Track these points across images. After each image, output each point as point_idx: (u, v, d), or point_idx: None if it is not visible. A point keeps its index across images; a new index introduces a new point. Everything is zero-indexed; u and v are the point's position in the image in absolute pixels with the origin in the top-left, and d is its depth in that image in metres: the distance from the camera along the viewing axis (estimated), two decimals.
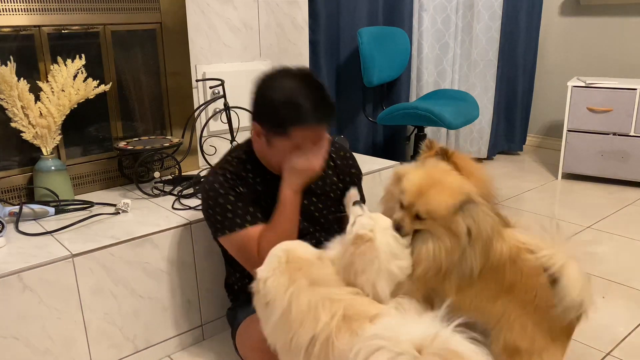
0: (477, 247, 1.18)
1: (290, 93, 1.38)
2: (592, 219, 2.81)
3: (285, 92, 1.39)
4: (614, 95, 3.19)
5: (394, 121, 2.93)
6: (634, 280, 2.18)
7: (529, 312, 1.26)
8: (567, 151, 3.40)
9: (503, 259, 1.23)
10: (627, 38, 3.69)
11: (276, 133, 1.42)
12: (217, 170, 1.53)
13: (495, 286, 1.25)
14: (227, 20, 2.36)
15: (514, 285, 1.26)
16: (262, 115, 1.44)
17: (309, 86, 1.41)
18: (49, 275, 1.46)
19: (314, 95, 1.40)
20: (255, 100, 1.45)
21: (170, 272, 1.72)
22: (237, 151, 1.58)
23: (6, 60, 1.71)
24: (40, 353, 1.49)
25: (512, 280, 1.25)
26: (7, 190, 1.85)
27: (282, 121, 1.39)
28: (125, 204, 1.81)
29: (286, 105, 1.38)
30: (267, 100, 1.41)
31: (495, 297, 1.26)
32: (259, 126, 1.44)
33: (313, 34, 2.83)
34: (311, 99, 1.39)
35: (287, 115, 1.38)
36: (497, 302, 1.26)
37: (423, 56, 3.36)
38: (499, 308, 1.27)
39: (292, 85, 1.40)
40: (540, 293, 1.26)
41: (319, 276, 1.21)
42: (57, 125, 1.81)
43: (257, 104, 1.45)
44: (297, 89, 1.39)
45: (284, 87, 1.40)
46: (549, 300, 1.26)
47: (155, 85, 2.16)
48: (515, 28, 3.76)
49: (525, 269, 1.26)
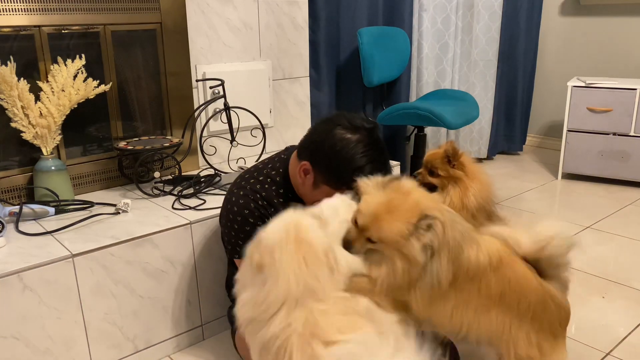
0: (442, 257, 1.12)
1: (357, 154, 1.37)
2: (592, 219, 2.81)
3: (351, 151, 1.37)
4: (614, 95, 3.19)
5: (394, 121, 2.93)
6: (634, 280, 2.18)
7: (528, 321, 1.24)
8: (567, 151, 3.40)
9: (482, 267, 1.18)
10: (627, 38, 3.69)
11: (329, 184, 1.41)
12: (248, 189, 1.49)
13: (480, 297, 1.20)
14: (227, 20, 2.36)
15: (504, 295, 1.21)
16: (321, 164, 1.41)
17: (375, 149, 1.41)
18: (49, 275, 1.47)
19: (379, 161, 1.40)
20: (317, 146, 1.42)
21: (170, 272, 1.72)
22: (271, 170, 1.54)
23: (6, 60, 1.71)
24: (41, 353, 1.49)
25: (500, 289, 1.20)
26: (7, 190, 1.85)
27: (342, 179, 1.38)
28: (125, 204, 1.82)
29: (351, 168, 1.36)
30: (331, 153, 1.39)
31: (487, 309, 1.21)
32: (310, 167, 1.42)
33: (313, 34, 2.83)
34: (376, 165, 1.39)
35: (348, 176, 1.35)
36: (490, 315, 1.21)
37: (423, 56, 3.36)
38: (495, 321, 1.22)
39: (360, 145, 1.38)
40: (533, 299, 1.23)
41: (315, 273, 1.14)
42: (57, 125, 1.82)
43: (319, 151, 1.41)
44: (364, 152, 1.38)
45: (351, 145, 1.37)
46: (545, 303, 1.25)
47: (155, 85, 2.16)
48: (515, 28, 3.77)
49: (511, 276, 1.22)
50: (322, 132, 1.42)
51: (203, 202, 1.89)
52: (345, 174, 1.37)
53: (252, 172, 1.56)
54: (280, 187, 1.51)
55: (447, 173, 1.66)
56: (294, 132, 2.75)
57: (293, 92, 2.70)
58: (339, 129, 1.40)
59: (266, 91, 2.55)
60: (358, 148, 1.38)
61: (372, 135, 1.42)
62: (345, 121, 1.41)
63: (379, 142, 1.44)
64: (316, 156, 1.41)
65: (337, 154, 1.38)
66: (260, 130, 2.44)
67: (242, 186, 1.52)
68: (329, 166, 1.40)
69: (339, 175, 1.39)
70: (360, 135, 1.39)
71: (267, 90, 2.56)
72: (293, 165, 1.50)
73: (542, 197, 3.17)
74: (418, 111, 2.79)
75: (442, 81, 3.46)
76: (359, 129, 1.40)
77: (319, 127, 1.45)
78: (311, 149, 1.43)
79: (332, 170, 1.40)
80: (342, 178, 1.38)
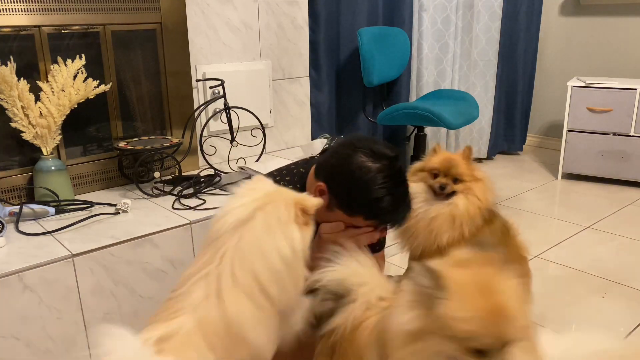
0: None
1: (375, 184, 1.29)
2: (592, 219, 2.81)
3: (370, 181, 1.30)
4: (614, 95, 3.19)
5: (394, 121, 2.93)
6: (634, 280, 2.18)
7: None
8: (567, 151, 3.40)
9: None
10: (627, 38, 3.69)
11: (342, 209, 1.35)
12: None
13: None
14: (227, 20, 2.36)
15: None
16: (337, 189, 1.34)
17: (395, 180, 1.33)
18: (49, 275, 1.46)
19: (397, 194, 1.34)
20: (335, 169, 1.35)
21: (170, 272, 1.72)
22: (288, 184, 1.49)
23: (6, 60, 1.71)
24: (41, 353, 1.49)
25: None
26: (7, 190, 1.85)
27: (357, 208, 1.32)
28: (125, 204, 1.82)
29: (368, 198, 1.30)
30: (348, 180, 1.32)
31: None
32: (326, 189, 1.35)
33: (313, 34, 2.83)
34: (394, 198, 1.32)
35: (364, 207, 1.32)
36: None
37: (423, 56, 3.36)
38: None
39: (380, 176, 1.30)
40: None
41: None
42: (57, 125, 1.81)
43: (337, 176, 1.34)
44: (384, 184, 1.30)
45: (370, 175, 1.30)
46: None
47: (155, 85, 2.16)
48: (515, 28, 3.77)
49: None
50: (342, 156, 1.35)
51: (203, 202, 1.89)
52: (361, 204, 1.32)
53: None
54: None
55: (471, 178, 1.67)
56: (294, 132, 2.75)
57: (293, 92, 2.70)
58: (360, 155, 1.33)
59: (266, 91, 2.55)
60: (377, 178, 1.30)
61: (393, 166, 1.34)
62: (367, 147, 1.34)
63: (400, 173, 1.36)
64: (333, 180, 1.35)
65: (355, 182, 1.31)
66: (260, 130, 2.44)
67: None
68: (345, 193, 1.33)
69: (355, 204, 1.33)
70: (381, 165, 1.32)
71: (267, 90, 2.56)
72: (310, 183, 1.45)
73: (542, 197, 3.17)
74: (418, 111, 2.79)
75: (442, 81, 3.46)
76: (380, 157, 1.33)
77: (340, 150, 1.38)
78: (329, 172, 1.37)
79: (348, 198, 1.34)
80: (358, 207, 1.32)
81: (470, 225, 1.64)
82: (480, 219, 1.66)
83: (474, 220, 1.65)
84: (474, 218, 1.65)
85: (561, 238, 2.59)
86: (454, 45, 3.45)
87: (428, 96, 3.29)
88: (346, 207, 1.34)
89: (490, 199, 1.66)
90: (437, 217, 1.65)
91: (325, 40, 2.91)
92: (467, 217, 1.64)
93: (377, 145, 1.36)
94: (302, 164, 1.56)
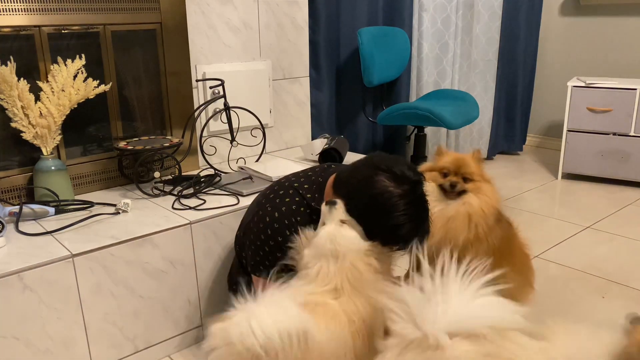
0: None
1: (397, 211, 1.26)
2: (592, 219, 2.81)
3: (392, 207, 1.26)
4: (614, 95, 3.19)
5: (394, 121, 2.93)
6: (633, 280, 2.18)
7: None
8: (567, 151, 3.40)
9: None
10: (627, 38, 3.69)
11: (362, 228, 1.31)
12: (284, 211, 1.42)
13: None
14: (227, 20, 2.36)
15: None
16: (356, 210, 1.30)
17: (417, 206, 1.30)
18: (49, 275, 1.46)
19: (419, 220, 1.30)
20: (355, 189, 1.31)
21: (170, 272, 1.72)
22: (307, 192, 1.46)
23: (6, 60, 1.71)
24: (41, 353, 1.49)
25: None
26: (7, 190, 1.85)
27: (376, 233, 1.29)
28: (125, 204, 1.82)
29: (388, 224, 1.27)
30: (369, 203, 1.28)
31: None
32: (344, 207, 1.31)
33: (313, 34, 2.83)
34: (414, 225, 1.29)
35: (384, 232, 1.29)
36: None
37: (423, 56, 3.36)
38: None
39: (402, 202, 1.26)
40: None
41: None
42: (57, 125, 1.82)
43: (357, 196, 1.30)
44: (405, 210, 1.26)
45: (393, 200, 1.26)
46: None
47: (155, 85, 2.16)
48: (515, 28, 3.76)
49: None
50: (363, 177, 1.30)
51: (203, 202, 1.89)
52: (380, 229, 1.28)
53: (287, 188, 1.47)
54: (314, 213, 1.42)
55: (481, 178, 1.70)
56: (294, 132, 2.75)
57: (293, 92, 2.70)
58: (382, 177, 1.28)
59: (266, 91, 2.55)
60: (400, 205, 1.26)
61: (415, 191, 1.30)
62: (389, 169, 1.29)
63: (422, 199, 1.32)
64: (352, 201, 1.31)
65: (376, 206, 1.27)
66: (260, 130, 2.44)
67: (277, 206, 1.43)
68: (364, 216, 1.29)
69: (374, 228, 1.29)
70: (402, 191, 1.27)
71: (267, 90, 2.56)
72: (328, 195, 1.42)
73: (542, 197, 3.17)
74: (418, 111, 2.79)
75: (442, 81, 3.46)
76: (403, 181, 1.28)
77: (361, 169, 1.33)
78: (349, 190, 1.33)
79: (366, 221, 1.30)
80: (377, 232, 1.29)
81: (484, 225, 1.65)
82: (492, 219, 1.67)
83: (487, 220, 1.66)
84: (488, 217, 1.66)
85: (561, 238, 2.59)
86: (454, 45, 3.45)
87: (428, 96, 3.29)
88: (368, 232, 1.30)
89: (500, 199, 1.69)
90: (455, 216, 1.66)
91: (325, 40, 2.91)
92: (482, 216, 1.66)
93: (400, 166, 1.30)
94: (320, 173, 1.52)
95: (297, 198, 1.44)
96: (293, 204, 1.44)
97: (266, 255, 1.44)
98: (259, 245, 1.45)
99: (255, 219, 1.48)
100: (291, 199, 1.44)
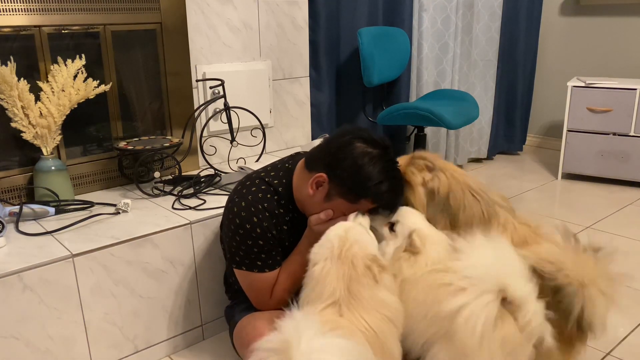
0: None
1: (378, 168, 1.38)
2: (592, 219, 2.81)
3: (373, 166, 1.38)
4: (614, 95, 3.19)
5: (394, 121, 2.93)
6: (634, 280, 2.18)
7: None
8: (567, 151, 3.40)
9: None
10: (627, 38, 3.69)
11: (345, 197, 1.41)
12: (250, 199, 1.45)
13: None
14: (227, 20, 2.36)
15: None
16: (340, 177, 1.40)
17: (393, 166, 1.44)
18: (49, 275, 1.47)
19: (397, 178, 1.44)
20: (336, 158, 1.41)
21: (170, 272, 1.72)
22: (273, 179, 1.51)
23: (6, 60, 1.71)
24: (40, 353, 1.49)
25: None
26: (7, 190, 1.85)
27: (362, 192, 1.39)
28: (125, 204, 1.82)
29: (372, 182, 1.38)
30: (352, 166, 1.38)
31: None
32: (326, 179, 1.41)
33: (313, 34, 2.83)
34: (394, 182, 1.42)
35: (369, 190, 1.38)
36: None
37: (423, 56, 3.36)
38: None
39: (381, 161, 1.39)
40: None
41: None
42: (57, 125, 1.82)
43: (338, 163, 1.40)
44: (385, 168, 1.39)
45: (374, 160, 1.38)
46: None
47: (155, 85, 2.16)
48: (515, 28, 3.76)
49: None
50: (341, 145, 1.41)
51: (203, 202, 1.89)
52: (366, 188, 1.38)
53: (253, 179, 1.52)
54: (282, 198, 1.49)
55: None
56: (294, 132, 2.75)
57: (293, 92, 2.70)
58: (359, 142, 1.40)
59: (266, 91, 2.55)
60: (380, 163, 1.38)
61: (389, 153, 1.43)
62: (362, 136, 1.41)
63: (394, 160, 1.46)
64: (336, 167, 1.40)
65: (359, 168, 1.37)
66: (260, 130, 2.44)
67: (243, 195, 1.48)
68: (349, 179, 1.39)
69: (360, 188, 1.39)
70: (380, 151, 1.40)
71: (267, 90, 2.56)
72: (299, 177, 1.47)
73: (542, 197, 3.17)
74: (418, 111, 2.79)
75: (442, 81, 3.46)
76: (376, 145, 1.41)
77: (335, 140, 1.44)
78: (328, 161, 1.41)
79: (352, 184, 1.39)
80: (362, 191, 1.39)
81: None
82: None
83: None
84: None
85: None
86: (454, 45, 3.45)
87: (428, 96, 3.29)
88: (350, 193, 1.40)
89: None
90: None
91: (325, 40, 2.91)
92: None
93: (369, 134, 1.43)
94: (287, 160, 1.57)
95: (263, 186, 1.49)
96: (259, 192, 1.48)
97: (239, 245, 1.46)
98: (231, 237, 1.47)
99: (226, 212, 1.52)
100: (257, 188, 1.49)
